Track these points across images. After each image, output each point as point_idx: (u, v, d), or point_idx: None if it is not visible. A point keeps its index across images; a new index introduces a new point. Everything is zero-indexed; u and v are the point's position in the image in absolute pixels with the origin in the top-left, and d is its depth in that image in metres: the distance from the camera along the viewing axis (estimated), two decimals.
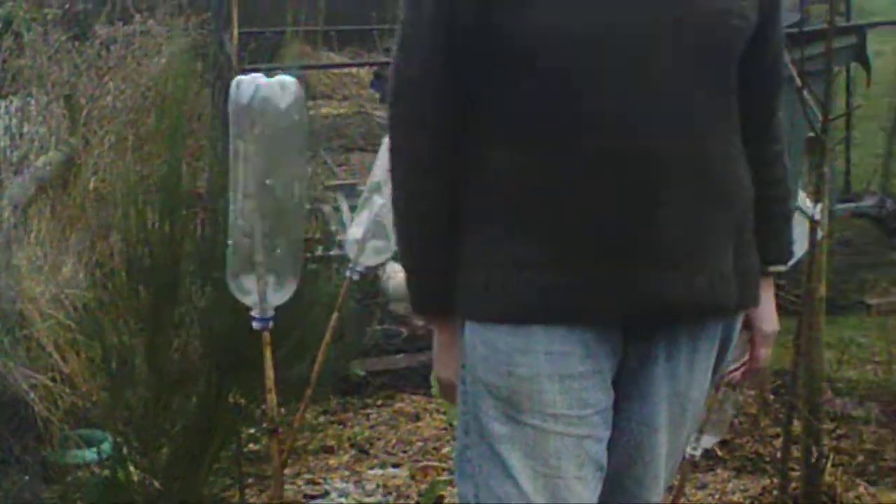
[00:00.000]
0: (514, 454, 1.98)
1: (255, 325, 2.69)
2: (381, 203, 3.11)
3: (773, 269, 2.20)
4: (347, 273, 3.13)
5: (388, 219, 2.93)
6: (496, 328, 1.98)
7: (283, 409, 3.42)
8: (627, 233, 1.94)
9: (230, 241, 2.68)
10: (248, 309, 2.70)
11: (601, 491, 2.05)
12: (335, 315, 3.10)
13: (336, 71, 11.42)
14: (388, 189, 2.28)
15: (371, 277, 5.23)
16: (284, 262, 2.67)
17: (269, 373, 2.70)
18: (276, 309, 2.71)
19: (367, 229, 3.12)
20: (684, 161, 1.94)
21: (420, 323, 4.85)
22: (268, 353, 2.69)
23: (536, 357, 1.96)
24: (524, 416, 1.98)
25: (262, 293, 2.64)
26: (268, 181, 2.63)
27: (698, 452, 3.17)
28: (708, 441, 3.22)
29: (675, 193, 1.94)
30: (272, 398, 2.73)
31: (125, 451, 3.35)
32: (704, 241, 1.99)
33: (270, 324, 2.70)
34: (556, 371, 1.97)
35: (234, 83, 2.63)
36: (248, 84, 2.62)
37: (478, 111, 2.00)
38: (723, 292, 2.03)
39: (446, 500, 3.77)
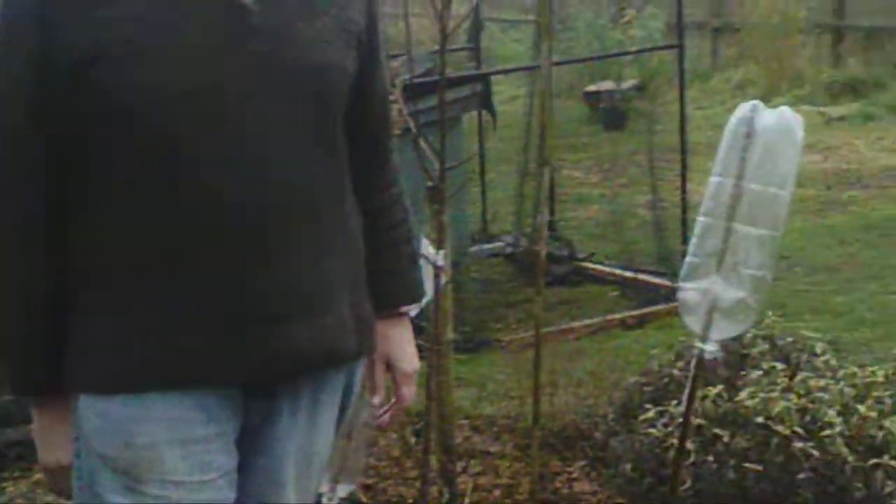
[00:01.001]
0: None
1: None
2: None
3: (404, 309, 2.25)
4: None
5: None
6: (111, 399, 1.93)
7: None
8: (238, 293, 1.93)
9: None
10: None
11: None
12: None
13: None
14: None
15: None
16: None
17: None
18: None
19: None
20: (294, 217, 1.95)
21: None
22: None
23: (155, 424, 1.92)
24: (144, 486, 1.93)
25: None
26: None
27: (334, 502, 3.20)
28: (344, 489, 3.25)
29: (284, 251, 1.94)
30: None
31: None
32: (319, 296, 2.01)
33: None
34: (177, 437, 1.93)
35: None
36: None
37: (82, 176, 1.93)
38: (341, 342, 2.06)
39: None
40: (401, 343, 2.25)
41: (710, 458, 3.37)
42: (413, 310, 2.32)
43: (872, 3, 13.59)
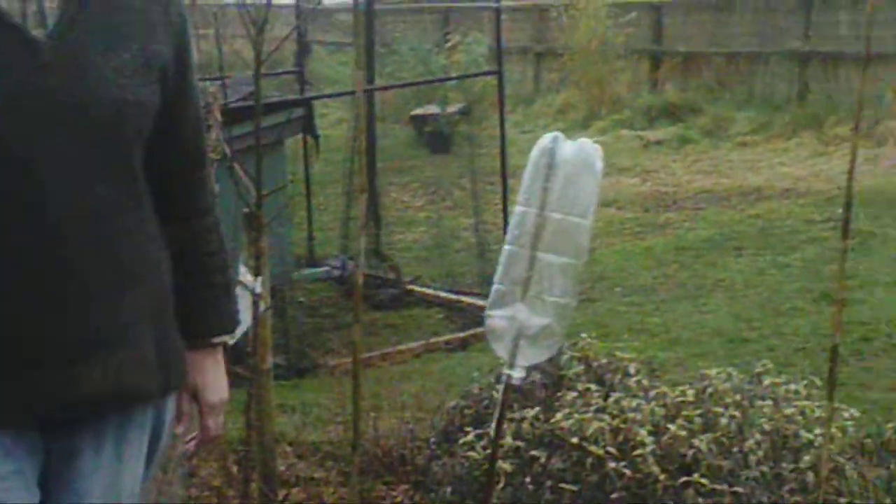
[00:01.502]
0: None
1: None
2: None
3: (217, 339, 2.22)
4: None
5: None
6: None
7: None
8: (26, 332, 1.88)
9: None
10: None
11: None
12: None
13: None
14: None
15: None
16: None
17: None
18: None
19: None
20: (91, 252, 1.91)
21: None
22: None
23: None
24: None
25: None
26: None
27: None
28: None
29: (77, 288, 1.90)
30: None
31: None
32: (120, 330, 1.97)
33: None
34: None
35: None
36: None
37: None
38: (141, 378, 2.02)
39: None
40: (210, 374, 2.21)
41: (528, 480, 3.42)
42: (230, 339, 2.29)
43: (688, 29, 14.10)
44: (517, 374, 2.74)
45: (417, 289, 7.10)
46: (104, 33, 1.93)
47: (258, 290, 3.43)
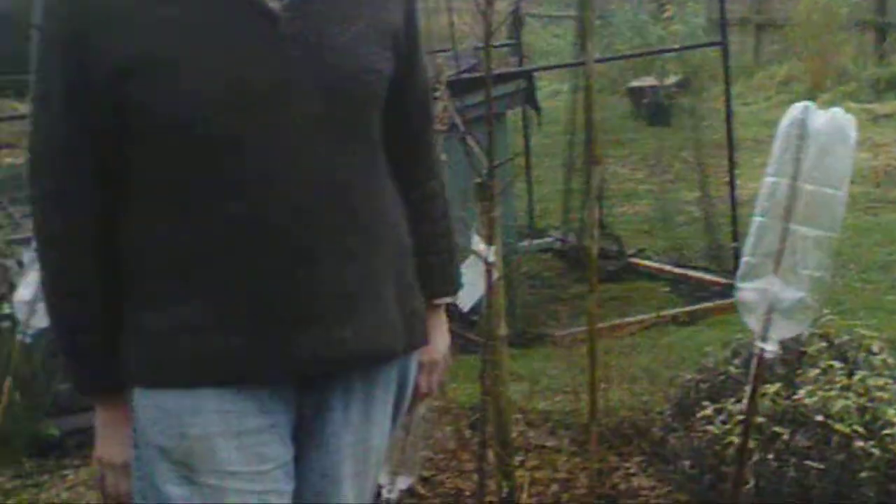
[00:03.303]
0: None
1: None
2: None
3: (439, 301, 2.25)
4: (18, 336, 2.98)
5: None
6: (164, 391, 1.96)
7: None
8: (283, 292, 1.94)
9: None
10: None
11: None
12: (8, 378, 2.95)
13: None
14: None
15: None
16: None
17: None
18: None
19: (38, 290, 2.99)
20: (333, 217, 1.96)
21: None
22: None
23: (208, 416, 1.95)
24: (201, 477, 1.95)
25: None
26: None
27: (394, 495, 3.22)
28: (403, 482, 3.27)
29: (328, 249, 1.96)
30: None
31: None
32: (364, 292, 2.02)
33: None
34: (230, 429, 1.96)
35: None
36: None
37: (128, 181, 1.96)
38: (389, 338, 2.07)
39: None
40: (431, 333, 2.23)
41: (771, 457, 3.35)
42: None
43: None
44: (770, 348, 2.68)
45: (641, 262, 7.02)
46: (338, 3, 1.97)
47: (491, 259, 3.44)
